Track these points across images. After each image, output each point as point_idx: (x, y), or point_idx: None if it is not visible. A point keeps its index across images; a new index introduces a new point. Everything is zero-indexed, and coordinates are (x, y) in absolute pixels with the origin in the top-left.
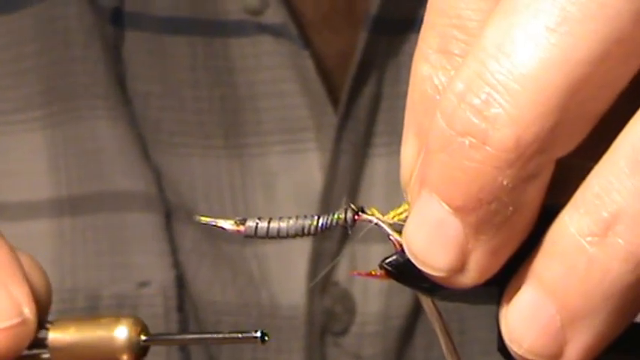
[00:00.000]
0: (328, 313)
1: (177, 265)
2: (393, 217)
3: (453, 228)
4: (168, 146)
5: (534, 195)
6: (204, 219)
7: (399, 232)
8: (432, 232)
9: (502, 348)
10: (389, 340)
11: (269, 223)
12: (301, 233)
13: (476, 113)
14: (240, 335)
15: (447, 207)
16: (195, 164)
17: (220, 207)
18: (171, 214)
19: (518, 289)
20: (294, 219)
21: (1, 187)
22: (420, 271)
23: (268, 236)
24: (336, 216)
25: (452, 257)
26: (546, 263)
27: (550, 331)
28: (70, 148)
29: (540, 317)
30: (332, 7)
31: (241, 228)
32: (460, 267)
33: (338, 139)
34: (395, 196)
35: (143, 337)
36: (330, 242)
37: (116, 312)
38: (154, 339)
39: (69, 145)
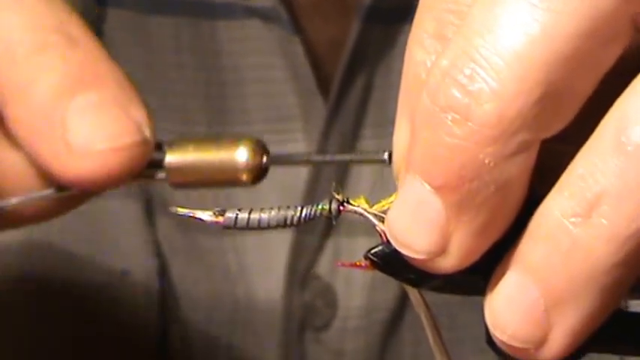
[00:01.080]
0: (308, 308)
1: (159, 254)
2: (379, 208)
3: (433, 208)
4: None
5: (517, 175)
6: (181, 210)
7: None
8: (413, 213)
9: (491, 340)
10: (372, 334)
11: (249, 214)
12: (283, 224)
13: (459, 88)
14: (365, 157)
15: (428, 186)
16: None
17: (200, 197)
18: (151, 203)
19: (502, 275)
20: (277, 210)
21: None
22: (406, 261)
23: (248, 227)
24: (320, 207)
25: (432, 239)
26: (530, 246)
27: (534, 315)
28: None
29: (524, 301)
30: None
31: (220, 219)
32: (441, 249)
33: (327, 130)
34: (381, 189)
35: (264, 159)
36: (312, 235)
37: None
38: (275, 160)
39: None
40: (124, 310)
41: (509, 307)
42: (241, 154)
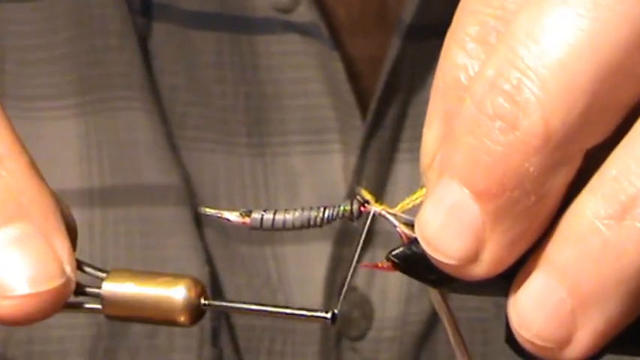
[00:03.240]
0: (345, 319)
1: (209, 261)
2: (402, 209)
3: (470, 214)
4: (192, 141)
5: (558, 185)
6: (209, 210)
7: (407, 225)
8: (448, 217)
9: (510, 339)
10: (406, 345)
11: (274, 214)
12: (307, 225)
13: (506, 97)
14: (307, 313)
15: (467, 191)
16: (219, 161)
17: (242, 207)
18: (197, 211)
19: (528, 275)
20: (300, 210)
21: None
22: (428, 262)
23: (274, 228)
24: (342, 207)
25: (466, 245)
26: (559, 247)
27: (560, 315)
28: (103, 139)
29: (550, 301)
30: (364, 10)
31: (247, 220)
32: (473, 256)
33: (364, 146)
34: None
35: (203, 301)
36: (350, 248)
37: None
38: (214, 304)
39: (102, 136)
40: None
41: (535, 306)
42: (179, 293)
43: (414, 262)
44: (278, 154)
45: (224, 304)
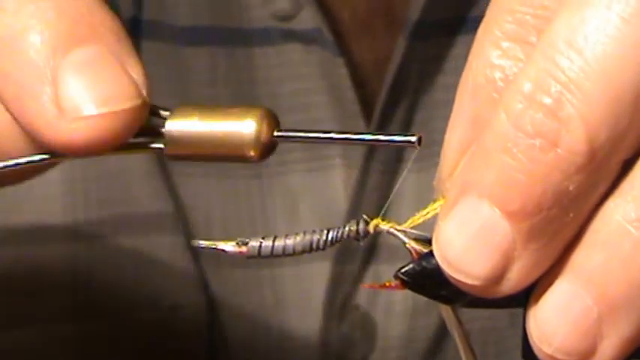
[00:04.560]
0: (346, 340)
1: (206, 288)
2: (410, 225)
3: (500, 234)
4: (184, 166)
5: (595, 199)
6: (203, 243)
7: (416, 241)
8: (475, 237)
9: (528, 355)
10: None
11: (274, 241)
12: (309, 249)
13: (547, 113)
14: (391, 138)
15: (497, 211)
16: (212, 186)
17: (239, 232)
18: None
19: (550, 284)
20: (302, 234)
21: (11, 211)
22: (439, 278)
23: (273, 255)
24: (347, 228)
25: (493, 265)
26: (586, 253)
27: (585, 324)
28: (90, 171)
29: (575, 309)
30: (370, 12)
31: (244, 249)
32: (499, 276)
33: (368, 157)
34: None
35: (275, 133)
36: (351, 266)
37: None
38: (287, 135)
39: (89, 169)
40: (174, 346)
41: (558, 316)
42: (249, 127)
43: (425, 279)
44: (275, 174)
45: (298, 134)
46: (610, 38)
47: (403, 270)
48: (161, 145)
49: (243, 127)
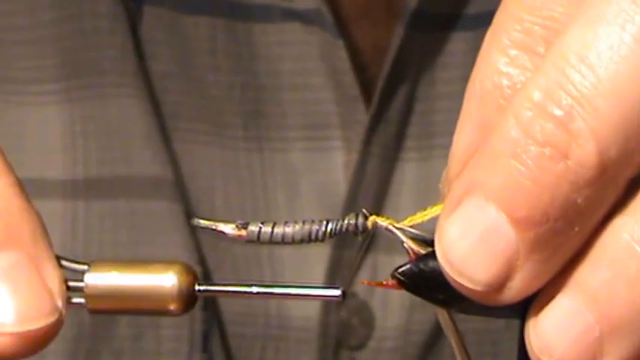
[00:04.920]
0: (344, 326)
1: (202, 261)
2: (409, 223)
3: (505, 240)
4: (186, 133)
5: (601, 213)
6: (204, 222)
7: (413, 240)
8: (480, 241)
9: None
10: (409, 356)
11: (273, 227)
12: (308, 239)
13: (558, 124)
14: (314, 292)
15: (504, 216)
16: (214, 155)
17: (239, 204)
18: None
19: (551, 297)
20: (301, 224)
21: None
22: (436, 281)
23: (272, 242)
24: (346, 221)
25: (496, 272)
26: (591, 270)
27: (586, 341)
28: (91, 127)
29: (577, 325)
30: None
31: (243, 232)
32: (502, 283)
33: (367, 141)
34: (425, 203)
35: (198, 287)
36: (350, 251)
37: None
38: (209, 289)
39: (89, 124)
40: (166, 321)
41: (559, 330)
42: (170, 280)
43: (422, 281)
44: (276, 150)
45: (220, 288)
46: (623, 58)
47: (400, 270)
48: (82, 300)
49: (165, 281)
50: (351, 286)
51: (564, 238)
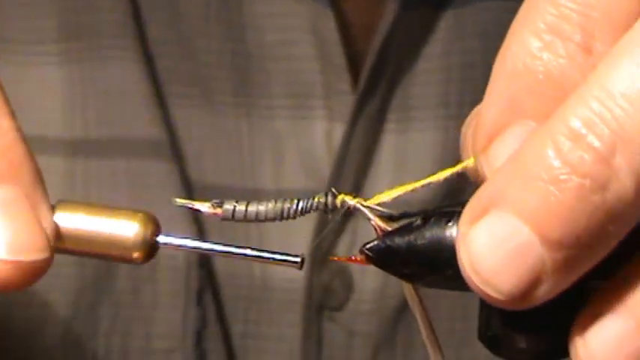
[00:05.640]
0: (326, 288)
1: (197, 219)
2: (375, 202)
3: (534, 257)
4: (178, 97)
5: (625, 234)
6: (179, 201)
7: (381, 217)
8: (510, 256)
9: (482, 337)
10: (384, 319)
11: (247, 206)
12: (280, 217)
13: (597, 157)
14: (274, 256)
15: (536, 236)
16: (205, 119)
17: (228, 168)
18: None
19: (597, 317)
20: (274, 202)
21: None
22: (402, 256)
23: (246, 219)
24: (316, 200)
25: (522, 285)
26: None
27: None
28: (89, 88)
29: (630, 348)
30: None
31: (218, 211)
32: (524, 294)
33: (356, 116)
34: (402, 173)
35: (159, 239)
36: (335, 216)
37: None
38: (170, 242)
39: (88, 85)
40: (163, 276)
41: (611, 352)
42: (132, 229)
43: (388, 256)
44: (263, 117)
45: (180, 242)
46: None
47: (368, 246)
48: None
49: (128, 230)
50: (333, 250)
51: (591, 258)
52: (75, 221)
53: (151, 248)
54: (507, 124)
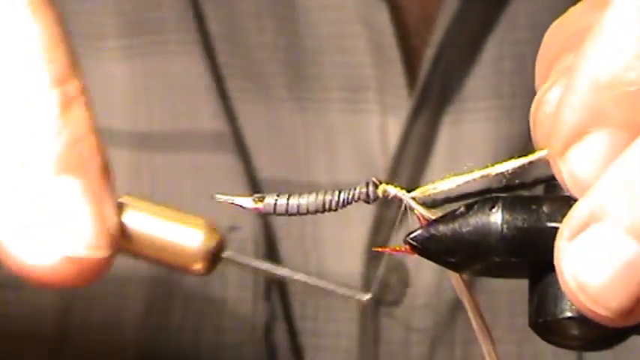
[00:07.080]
0: (382, 283)
1: (263, 215)
2: (421, 193)
3: None
4: (235, 92)
5: None
6: (221, 197)
7: (424, 206)
8: (619, 273)
9: (534, 324)
10: (441, 313)
11: (288, 199)
12: (322, 209)
13: None
14: (340, 291)
15: None
16: (260, 114)
17: (283, 162)
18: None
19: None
20: (315, 195)
21: None
22: (447, 245)
23: (288, 213)
24: (357, 190)
25: (630, 303)
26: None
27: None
28: (153, 83)
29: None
30: None
31: (260, 205)
32: (631, 311)
33: (418, 107)
34: (457, 165)
35: (224, 255)
36: (392, 210)
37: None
38: (236, 260)
39: (151, 79)
40: (231, 270)
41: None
42: (197, 238)
43: (433, 245)
44: (317, 111)
45: (243, 260)
46: None
47: (412, 236)
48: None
49: (193, 238)
50: (390, 244)
51: None
52: (139, 222)
53: (214, 261)
54: (587, 130)
